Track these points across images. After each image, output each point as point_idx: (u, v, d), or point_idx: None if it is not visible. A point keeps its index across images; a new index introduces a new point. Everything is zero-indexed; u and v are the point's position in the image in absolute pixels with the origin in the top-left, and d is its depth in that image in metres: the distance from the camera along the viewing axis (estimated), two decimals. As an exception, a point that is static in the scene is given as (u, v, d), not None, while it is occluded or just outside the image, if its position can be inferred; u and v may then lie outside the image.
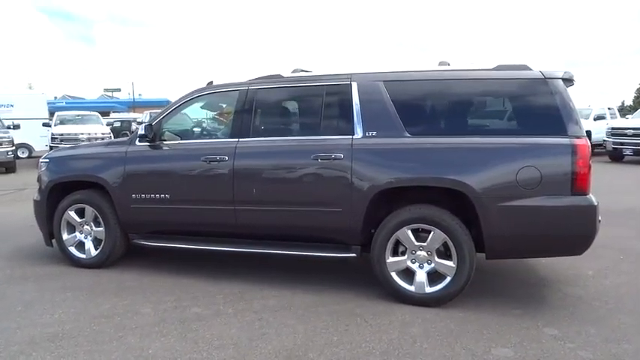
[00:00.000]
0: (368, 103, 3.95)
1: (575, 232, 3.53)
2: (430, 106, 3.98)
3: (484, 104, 3.88)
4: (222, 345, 3.15)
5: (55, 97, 47.08)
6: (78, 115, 18.01)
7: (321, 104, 4.11)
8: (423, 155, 3.76)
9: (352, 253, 4.00)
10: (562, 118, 3.53)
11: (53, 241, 4.96)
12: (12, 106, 19.98)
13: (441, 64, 4.13)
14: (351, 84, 4.03)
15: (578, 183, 3.46)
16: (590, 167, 3.54)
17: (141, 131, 4.49)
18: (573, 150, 3.46)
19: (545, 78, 3.63)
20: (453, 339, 3.25)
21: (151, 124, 4.50)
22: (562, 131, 3.52)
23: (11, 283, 4.37)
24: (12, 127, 15.08)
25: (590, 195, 3.52)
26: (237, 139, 4.27)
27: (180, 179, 4.42)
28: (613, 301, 3.93)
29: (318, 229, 4.06)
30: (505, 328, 3.43)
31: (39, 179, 5.03)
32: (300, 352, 3.06)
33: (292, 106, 4.41)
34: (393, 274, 3.83)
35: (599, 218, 3.70)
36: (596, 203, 3.49)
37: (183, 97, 4.63)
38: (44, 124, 16.90)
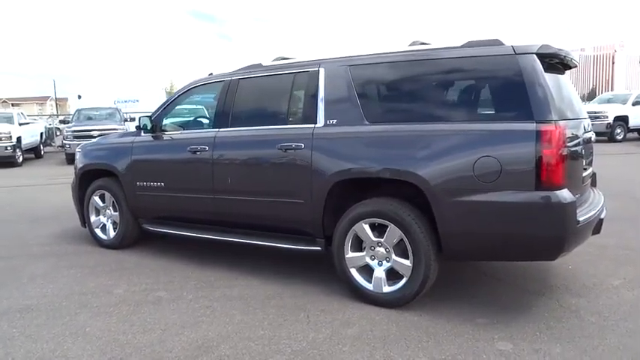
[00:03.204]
0: (332, 90, 3.75)
1: (539, 233, 3.01)
2: (392, 91, 3.66)
3: (449, 86, 3.44)
4: (152, 329, 3.26)
5: (193, 92, 51.59)
6: (185, 109, 19.54)
7: (290, 92, 4.00)
8: (377, 144, 3.47)
9: (317, 246, 3.85)
10: (529, 100, 3.02)
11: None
12: (137, 101, 22.44)
13: (412, 44, 3.75)
14: (319, 70, 3.85)
15: (543, 176, 2.94)
16: (564, 158, 2.99)
17: (137, 123, 4.78)
18: (538, 137, 2.94)
19: (516, 53, 3.12)
20: (381, 344, 2.99)
21: (150, 117, 4.78)
22: (528, 115, 3.01)
23: (37, 258, 4.93)
24: (128, 119, 16.90)
25: (562, 190, 2.97)
26: (217, 130, 4.34)
27: (172, 168, 4.63)
28: (615, 318, 3.30)
29: (284, 220, 3.98)
30: (452, 337, 3.07)
31: (75, 166, 5.61)
32: (214, 343, 3.05)
33: (266, 95, 4.32)
34: (353, 270, 3.62)
35: (586, 217, 3.13)
36: (567, 200, 2.94)
37: (180, 90, 4.83)
38: (156, 117, 18.66)
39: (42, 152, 18.24)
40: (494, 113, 3.19)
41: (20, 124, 16.17)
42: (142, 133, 4.88)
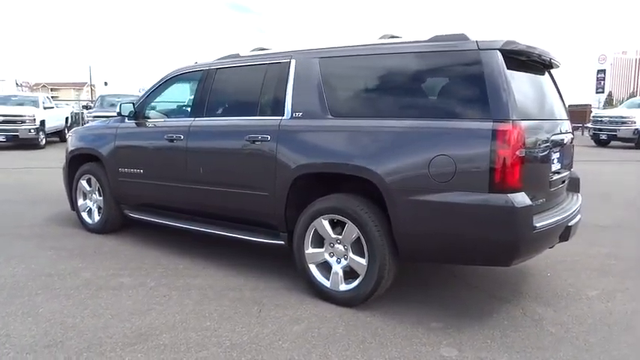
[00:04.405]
0: (300, 82, 3.68)
1: (491, 237, 2.88)
2: (356, 84, 3.56)
3: (413, 81, 3.30)
4: (102, 314, 3.27)
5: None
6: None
7: (262, 84, 3.95)
8: (337, 139, 3.40)
9: (281, 240, 3.81)
10: (487, 98, 2.88)
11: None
12: (161, 90, 22.71)
13: (382, 37, 3.64)
14: (290, 62, 3.79)
15: (497, 177, 2.81)
16: (521, 160, 2.85)
17: (117, 109, 4.82)
18: (494, 137, 2.81)
19: (479, 49, 2.99)
20: (322, 343, 2.93)
21: (133, 103, 4.81)
22: (486, 114, 2.88)
23: (23, 238, 5.03)
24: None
25: (517, 194, 2.83)
26: (192, 119, 4.33)
27: (150, 156, 4.65)
28: (578, 330, 3.15)
29: (251, 212, 3.95)
30: (398, 340, 2.98)
31: (66, 150, 5.70)
32: (157, 331, 3.04)
33: (240, 85, 4.27)
34: (312, 266, 3.56)
35: (545, 224, 2.99)
36: (520, 205, 2.79)
37: (163, 78, 4.83)
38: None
39: (67, 136, 18.67)
40: (454, 110, 3.06)
41: (45, 108, 16.63)
42: (127, 120, 4.91)
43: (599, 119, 17.96)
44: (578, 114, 24.56)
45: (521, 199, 2.82)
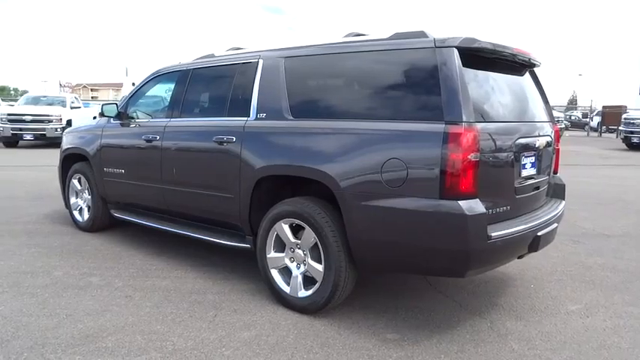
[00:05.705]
0: (266, 82, 3.60)
1: (441, 246, 2.72)
2: (317, 84, 3.45)
3: (370, 81, 3.14)
4: (59, 314, 3.27)
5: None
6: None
7: (232, 84, 3.89)
8: (296, 141, 3.30)
9: (247, 243, 3.73)
10: (440, 99, 2.73)
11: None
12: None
13: (347, 35, 3.51)
14: (258, 62, 3.71)
15: (448, 183, 2.65)
16: (475, 164, 2.68)
17: (99, 110, 4.85)
18: (445, 140, 2.65)
19: (435, 47, 2.83)
20: (267, 352, 2.83)
21: (117, 104, 4.84)
22: (439, 115, 2.73)
23: (11, 234, 5.11)
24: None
25: (469, 201, 2.66)
26: (168, 120, 4.31)
27: (131, 156, 4.65)
28: (544, 348, 2.96)
29: (219, 214, 3.90)
30: (346, 351, 2.86)
31: (60, 149, 5.79)
32: (105, 333, 3.01)
33: (213, 86, 4.22)
34: (273, 271, 3.47)
35: (503, 233, 2.80)
36: (470, 212, 2.62)
37: (146, 78, 4.84)
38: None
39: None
40: (409, 111, 2.90)
41: (72, 108, 17.12)
42: (112, 120, 4.94)
43: (631, 121, 17.18)
44: (613, 116, 23.64)
45: (473, 205, 2.65)
